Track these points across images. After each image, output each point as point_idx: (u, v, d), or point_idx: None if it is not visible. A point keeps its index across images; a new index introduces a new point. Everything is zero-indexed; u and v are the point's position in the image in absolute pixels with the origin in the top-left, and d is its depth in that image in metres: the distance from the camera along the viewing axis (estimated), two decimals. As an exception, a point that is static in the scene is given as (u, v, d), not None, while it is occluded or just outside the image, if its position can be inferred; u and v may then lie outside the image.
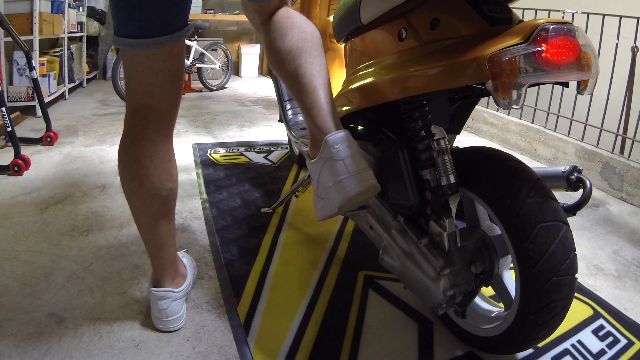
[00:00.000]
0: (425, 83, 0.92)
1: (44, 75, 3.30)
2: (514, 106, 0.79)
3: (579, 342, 1.22)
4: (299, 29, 0.96)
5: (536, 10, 2.75)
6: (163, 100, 1.01)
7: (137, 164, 1.02)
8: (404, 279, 1.13)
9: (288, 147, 2.63)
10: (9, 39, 2.63)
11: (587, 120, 2.52)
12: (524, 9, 2.84)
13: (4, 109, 2.13)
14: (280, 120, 2.17)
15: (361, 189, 0.86)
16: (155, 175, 1.03)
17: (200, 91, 4.54)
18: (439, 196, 1.04)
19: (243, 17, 5.04)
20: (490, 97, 0.83)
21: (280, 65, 0.95)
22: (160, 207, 1.08)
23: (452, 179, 1.03)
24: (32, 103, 3.12)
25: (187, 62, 4.31)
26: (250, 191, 2.07)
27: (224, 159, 2.48)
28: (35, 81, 2.58)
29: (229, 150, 2.65)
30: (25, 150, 2.32)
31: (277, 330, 1.20)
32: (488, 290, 1.24)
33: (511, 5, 0.95)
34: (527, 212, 0.92)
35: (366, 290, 1.39)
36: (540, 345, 1.18)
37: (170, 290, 1.16)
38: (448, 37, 0.94)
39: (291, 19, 0.97)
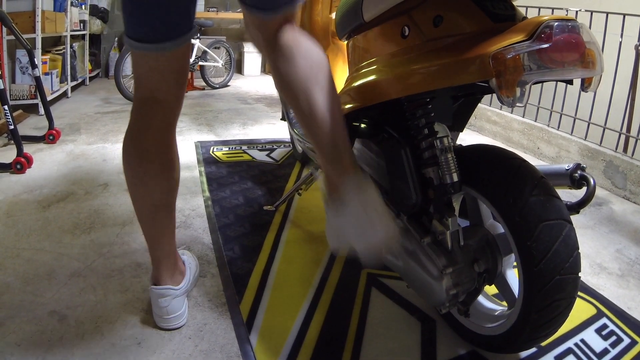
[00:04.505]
0: (429, 81, 0.92)
1: (46, 74, 3.30)
2: (517, 104, 0.78)
3: (582, 341, 1.21)
4: (307, 56, 0.92)
5: (539, 8, 2.73)
6: (169, 94, 1.05)
7: (143, 152, 1.06)
8: (407, 277, 1.13)
9: (291, 144, 2.63)
10: (12, 37, 2.63)
11: (590, 118, 2.51)
12: (527, 7, 2.83)
13: (6, 107, 2.13)
14: (283, 118, 2.16)
15: (384, 236, 0.88)
16: (159, 162, 1.07)
17: (203, 89, 4.54)
18: (442, 194, 1.04)
19: (245, 15, 5.03)
20: (494, 95, 0.82)
21: (289, 96, 0.93)
22: (162, 196, 1.10)
23: (455, 177, 1.02)
24: (35, 101, 3.13)
25: (190, 60, 4.31)
26: (252, 189, 2.06)
27: (227, 157, 2.48)
28: (37, 79, 2.58)
29: (232, 148, 2.65)
30: (28, 148, 2.33)
31: (280, 328, 1.20)
32: (491, 289, 1.24)
33: (514, 2, 0.95)
34: (530, 210, 0.92)
35: (369, 289, 1.38)
36: (543, 344, 1.18)
37: (170, 287, 1.16)
38: (451, 34, 0.93)
39: (297, 45, 0.93)
